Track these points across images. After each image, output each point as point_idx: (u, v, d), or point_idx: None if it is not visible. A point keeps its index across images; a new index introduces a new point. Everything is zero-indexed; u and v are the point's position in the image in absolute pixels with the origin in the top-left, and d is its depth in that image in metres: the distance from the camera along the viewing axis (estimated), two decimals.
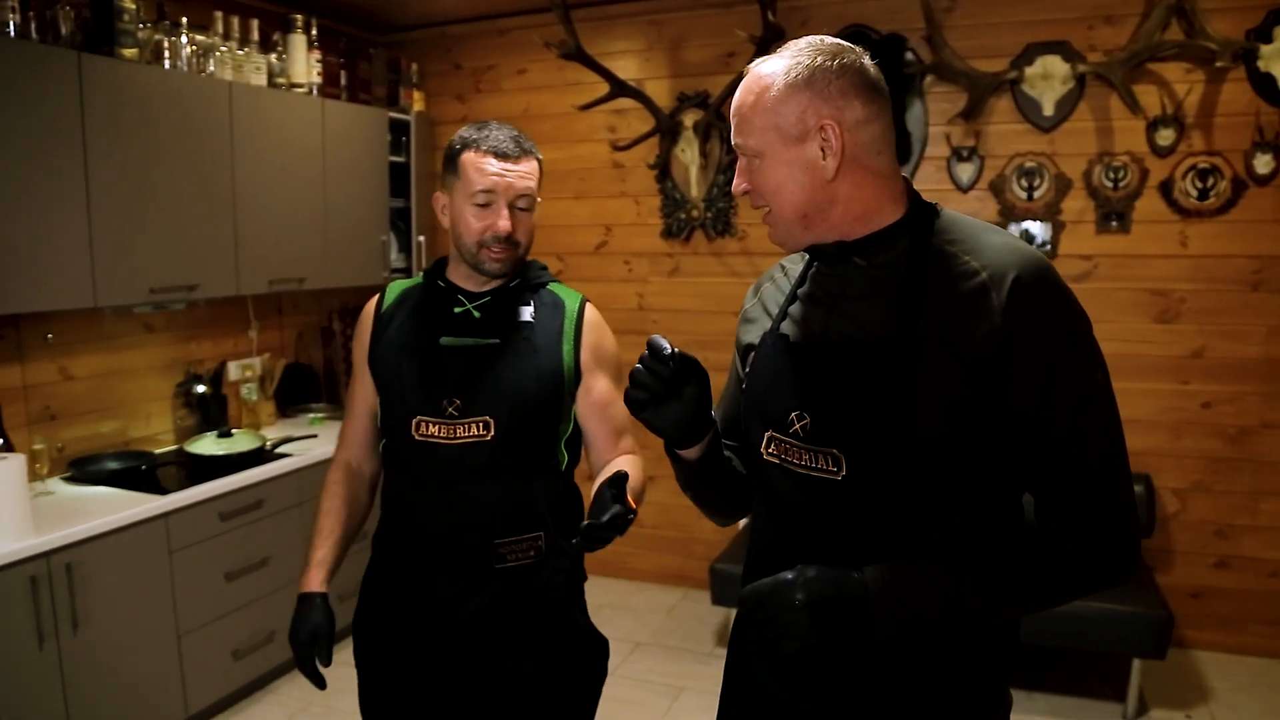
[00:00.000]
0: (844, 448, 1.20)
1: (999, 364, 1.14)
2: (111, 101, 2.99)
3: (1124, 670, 3.30)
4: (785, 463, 1.28)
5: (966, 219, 1.27)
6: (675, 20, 4.17)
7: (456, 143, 1.71)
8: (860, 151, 1.21)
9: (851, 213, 1.23)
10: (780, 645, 1.17)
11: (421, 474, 1.72)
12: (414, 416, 1.70)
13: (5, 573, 2.52)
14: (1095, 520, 1.16)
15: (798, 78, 1.19)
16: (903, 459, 1.17)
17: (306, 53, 3.87)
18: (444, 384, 1.70)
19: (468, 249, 1.71)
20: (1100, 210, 3.61)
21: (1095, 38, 3.53)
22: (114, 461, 3.28)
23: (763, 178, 1.24)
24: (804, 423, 1.25)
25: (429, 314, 1.76)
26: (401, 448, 1.74)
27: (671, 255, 4.35)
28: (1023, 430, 1.16)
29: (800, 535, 1.27)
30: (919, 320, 1.17)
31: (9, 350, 3.09)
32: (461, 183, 1.68)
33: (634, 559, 4.56)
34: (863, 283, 1.26)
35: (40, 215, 2.81)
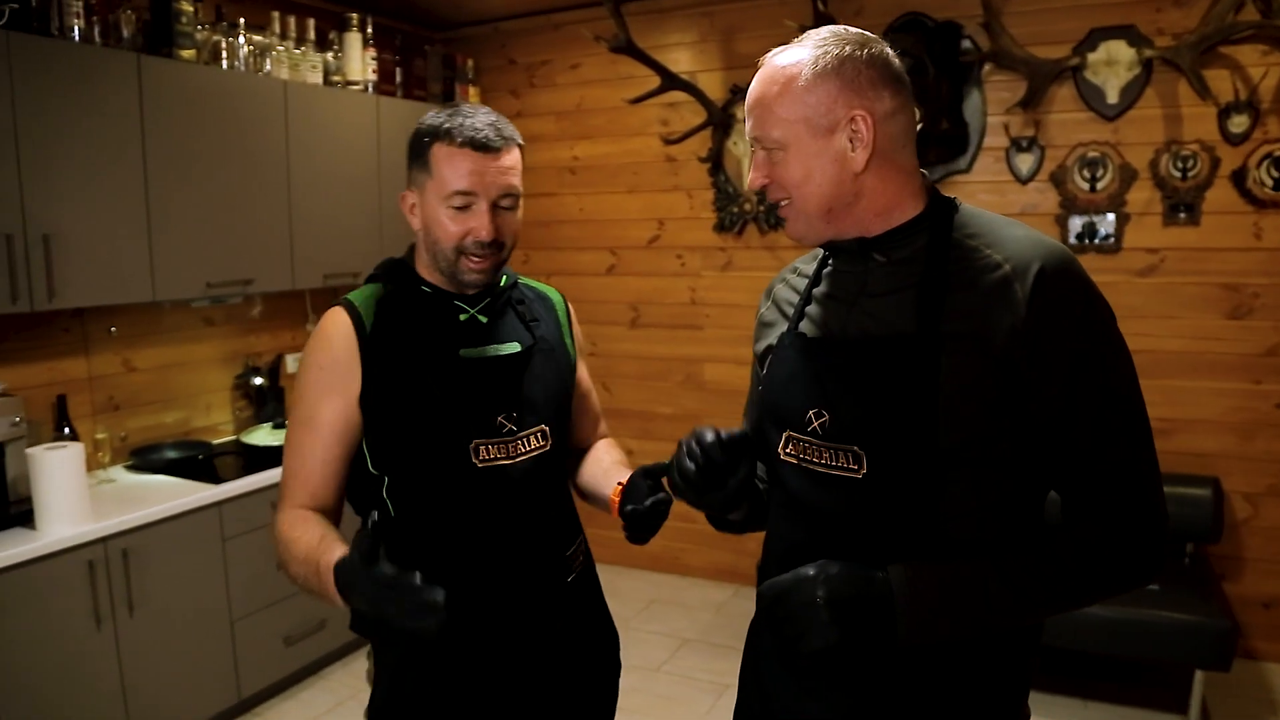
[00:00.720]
0: (865, 444, 1.18)
1: (1023, 357, 1.11)
2: (170, 101, 3.09)
3: (1186, 681, 3.16)
4: (804, 462, 1.25)
5: (987, 213, 1.24)
6: (727, 12, 4.13)
7: (424, 132, 1.48)
8: (888, 144, 1.19)
9: (874, 207, 1.21)
10: (800, 644, 1.13)
11: (486, 506, 1.50)
12: (472, 441, 1.48)
13: (64, 557, 2.63)
14: (1122, 518, 1.13)
15: (827, 67, 1.16)
16: (925, 455, 1.14)
17: (362, 50, 3.93)
18: (492, 400, 1.50)
19: (444, 255, 1.49)
20: (1168, 201, 3.45)
21: (1163, 21, 3.38)
22: (173, 451, 3.39)
23: (786, 170, 1.20)
24: (823, 420, 1.22)
25: (432, 325, 1.52)
26: (453, 484, 1.48)
27: (724, 249, 4.31)
28: (1048, 425, 1.13)
29: (819, 535, 1.24)
30: (941, 315, 1.14)
31: (75, 343, 3.22)
32: (434, 181, 1.45)
33: (686, 554, 4.55)
34: (882, 279, 1.23)
35: (102, 212, 2.92)
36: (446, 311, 1.54)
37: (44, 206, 2.75)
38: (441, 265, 1.51)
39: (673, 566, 4.60)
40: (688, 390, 4.46)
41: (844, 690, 1.23)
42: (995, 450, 1.14)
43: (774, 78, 1.20)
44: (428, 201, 1.48)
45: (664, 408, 4.53)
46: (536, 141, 4.66)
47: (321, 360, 1.48)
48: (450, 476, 1.48)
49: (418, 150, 1.48)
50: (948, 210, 1.23)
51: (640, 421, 4.60)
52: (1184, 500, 3.32)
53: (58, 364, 3.16)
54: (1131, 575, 1.15)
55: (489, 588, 1.49)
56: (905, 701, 1.20)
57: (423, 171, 1.48)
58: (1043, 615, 1.18)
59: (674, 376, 4.49)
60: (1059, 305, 1.11)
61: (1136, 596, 3.02)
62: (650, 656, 3.73)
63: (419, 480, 1.49)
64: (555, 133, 4.61)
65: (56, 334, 3.15)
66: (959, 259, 1.17)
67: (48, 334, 3.13)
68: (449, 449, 1.47)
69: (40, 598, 2.58)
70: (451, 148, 1.43)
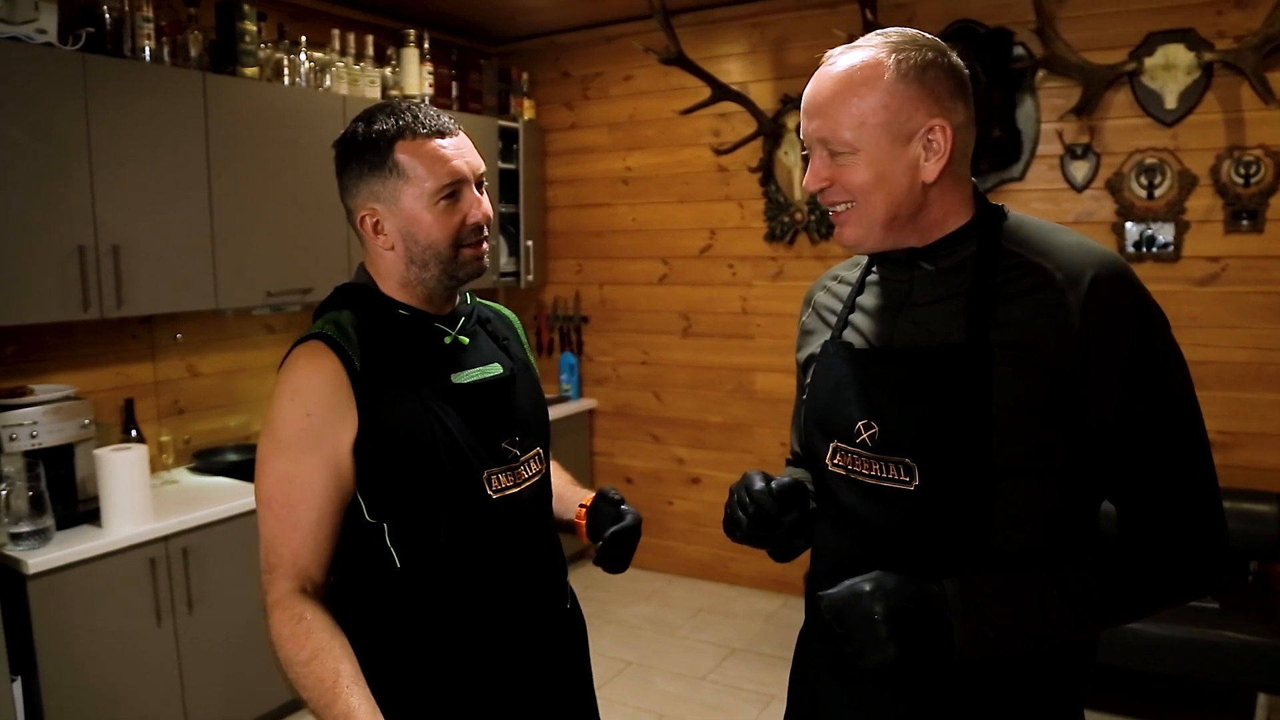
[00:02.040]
0: (917, 457, 1.16)
1: (1078, 367, 1.09)
2: (232, 117, 3.21)
3: (1248, 705, 3.06)
4: (852, 473, 1.24)
5: (1035, 220, 1.22)
6: (778, 22, 4.14)
7: (373, 138, 1.34)
8: (958, 155, 1.18)
9: (933, 218, 1.20)
10: (861, 660, 1.12)
11: (500, 538, 1.41)
12: (485, 472, 1.39)
13: (127, 554, 2.74)
14: (1179, 529, 1.11)
15: (909, 73, 1.13)
16: (978, 467, 1.13)
17: (419, 65, 4.03)
18: (496, 426, 1.42)
19: (440, 257, 1.37)
20: (1229, 209, 3.35)
21: (1224, 23, 3.29)
22: (234, 454, 3.51)
23: (854, 174, 1.16)
24: (872, 432, 1.21)
25: (419, 352, 1.39)
26: (468, 519, 1.38)
27: (775, 259, 4.31)
28: (1103, 436, 1.12)
29: (870, 547, 1.23)
30: (991, 325, 1.13)
31: (142, 348, 3.36)
32: (409, 183, 1.33)
33: (735, 564, 4.54)
34: (929, 288, 1.22)
35: (168, 224, 3.05)
36: (429, 336, 1.41)
37: (114, 219, 2.88)
38: (432, 270, 1.38)
39: (722, 575, 4.59)
40: (738, 399, 4.47)
41: (896, 700, 1.22)
42: (1048, 461, 1.13)
43: (849, 78, 1.15)
44: (404, 209, 1.34)
45: (715, 416, 4.54)
46: (590, 153, 4.72)
47: (309, 406, 1.30)
48: (465, 512, 1.37)
49: (374, 159, 1.34)
50: (996, 218, 1.21)
51: (692, 430, 4.61)
52: (1247, 516, 3.21)
53: (126, 369, 3.30)
54: (1189, 587, 1.13)
55: (501, 623, 1.41)
56: (958, 713, 1.19)
57: (390, 178, 1.34)
58: (1099, 628, 1.16)
59: (725, 385, 4.49)
60: (1114, 314, 1.09)
61: (1196, 615, 2.94)
62: (697, 665, 3.74)
63: (429, 521, 1.35)
64: (608, 144, 4.67)
65: (125, 340, 3.30)
66: (1008, 267, 1.16)
67: (117, 340, 3.27)
68: (463, 483, 1.36)
69: (105, 593, 2.69)
70: (419, 142, 1.34)
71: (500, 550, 1.41)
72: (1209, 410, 1.13)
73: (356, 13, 4.04)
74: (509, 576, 1.42)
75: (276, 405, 1.33)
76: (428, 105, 1.39)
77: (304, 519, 1.31)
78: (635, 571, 4.80)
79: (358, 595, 1.37)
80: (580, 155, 4.73)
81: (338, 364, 1.31)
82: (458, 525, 1.37)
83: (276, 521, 1.32)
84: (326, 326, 1.35)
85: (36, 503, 2.60)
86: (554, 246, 4.95)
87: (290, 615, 1.28)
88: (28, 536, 2.58)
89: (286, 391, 1.32)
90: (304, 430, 1.30)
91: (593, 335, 4.87)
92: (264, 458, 1.33)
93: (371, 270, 1.44)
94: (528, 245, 4.70)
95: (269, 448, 1.33)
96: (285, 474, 1.31)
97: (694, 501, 4.65)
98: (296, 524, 1.31)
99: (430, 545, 1.36)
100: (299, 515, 1.31)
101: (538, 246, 4.82)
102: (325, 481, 1.31)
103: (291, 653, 1.26)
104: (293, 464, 1.30)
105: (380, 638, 1.36)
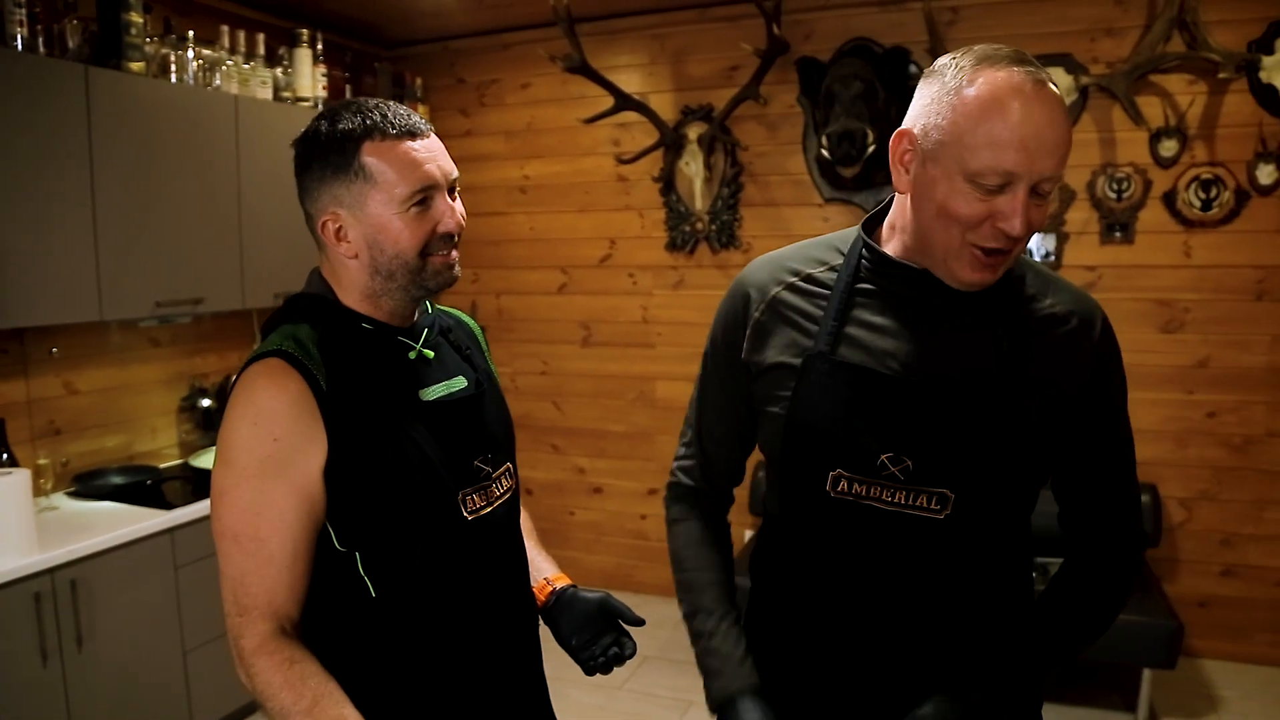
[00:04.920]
0: (955, 487, 1.19)
1: (1085, 400, 1.22)
2: (118, 114, 2.99)
3: (1134, 680, 3.29)
4: (865, 500, 1.21)
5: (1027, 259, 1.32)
6: (679, 34, 4.19)
7: (339, 135, 1.25)
8: None
9: None
10: None
11: (476, 559, 1.35)
12: (459, 493, 1.32)
13: (9, 589, 2.50)
14: (1122, 532, 1.30)
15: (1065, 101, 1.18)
16: (1011, 495, 1.22)
17: (312, 67, 3.87)
18: (467, 444, 1.35)
19: (408, 267, 1.28)
20: (1104, 221, 3.62)
21: (1098, 50, 3.56)
22: (119, 476, 3.26)
23: (1045, 212, 1.13)
24: (902, 466, 1.19)
25: (385, 369, 1.31)
26: (443, 542, 1.31)
27: (676, 268, 4.35)
28: (1082, 454, 1.27)
29: (881, 574, 1.23)
30: (1026, 360, 1.20)
31: (13, 364, 3.07)
32: (378, 188, 1.24)
33: (639, 571, 4.55)
34: (955, 311, 1.21)
35: (46, 228, 2.80)
36: (394, 350, 1.33)
37: None
38: (399, 283, 1.30)
39: (626, 584, 4.58)
40: (640, 408, 4.48)
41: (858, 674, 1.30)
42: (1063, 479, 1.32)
43: (1059, 106, 1.08)
44: (371, 214, 1.25)
45: (616, 425, 4.53)
46: (486, 160, 4.64)
47: (276, 430, 1.19)
48: (441, 535, 1.30)
49: (338, 161, 1.25)
50: None
51: (593, 440, 4.59)
52: None
53: None
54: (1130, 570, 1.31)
55: (479, 647, 1.36)
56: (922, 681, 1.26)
57: (356, 182, 1.25)
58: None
59: (626, 394, 4.50)
60: (1113, 355, 1.25)
61: None
62: (612, 675, 3.71)
63: (404, 547, 1.28)
64: (505, 152, 4.60)
65: None
66: (1023, 303, 1.23)
67: None
68: (438, 505, 1.29)
69: None
70: (388, 144, 1.24)
71: (476, 572, 1.35)
72: None
73: (246, 10, 3.84)
74: (485, 598, 1.36)
75: (236, 430, 1.21)
76: (396, 104, 1.30)
77: (277, 553, 1.21)
78: None
79: (329, 628, 1.27)
80: (476, 163, 4.65)
81: (302, 383, 1.21)
82: (434, 550, 1.30)
83: (246, 558, 1.20)
84: (285, 343, 1.24)
85: None
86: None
87: (279, 661, 1.18)
88: None
89: (248, 415, 1.20)
90: (270, 457, 1.19)
91: (491, 346, 4.75)
92: (225, 489, 1.21)
93: (330, 279, 1.34)
94: None
95: (230, 477, 1.21)
96: (252, 505, 1.20)
97: (596, 511, 4.63)
98: (269, 559, 1.20)
99: (406, 572, 1.28)
100: (271, 549, 1.20)
101: None
102: (297, 511, 1.21)
103: (289, 702, 1.16)
104: (260, 494, 1.20)
105: (357, 671, 1.27)
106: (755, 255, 4.17)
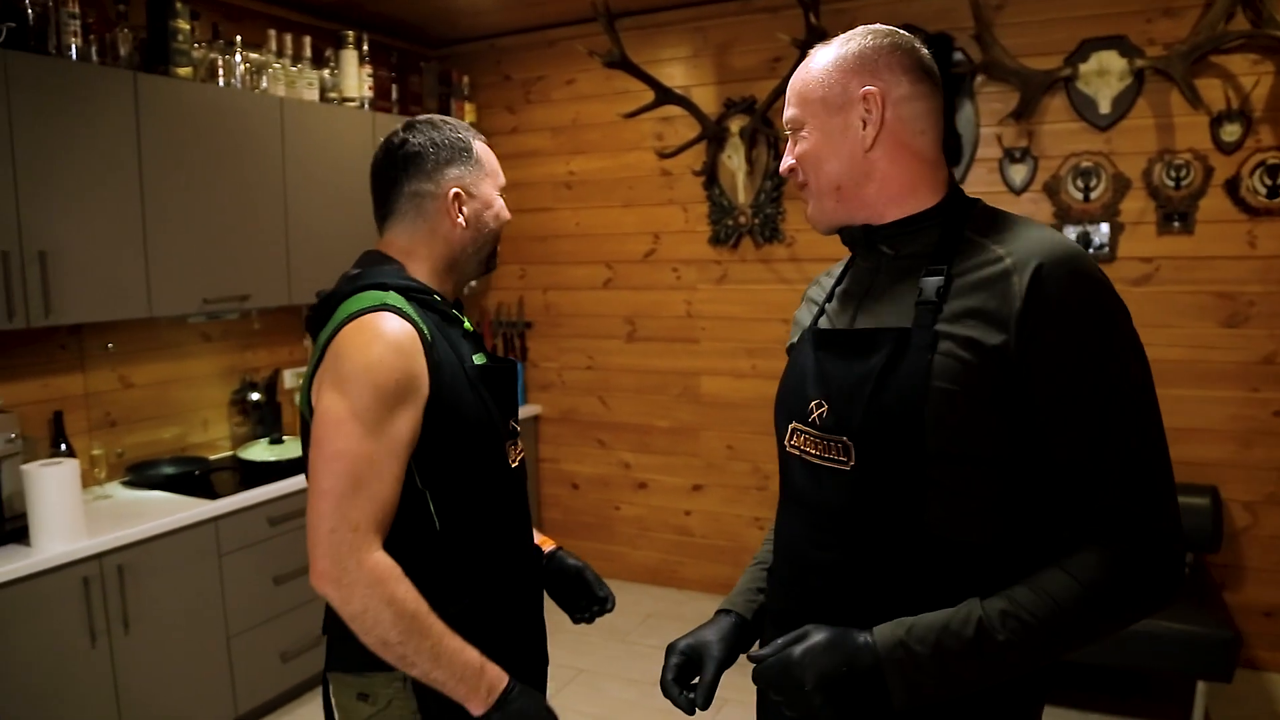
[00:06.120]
0: (854, 437, 1.17)
1: (1018, 353, 1.08)
2: (165, 118, 3.10)
3: (1188, 692, 3.14)
4: (803, 453, 1.27)
5: (1008, 213, 1.23)
6: (721, 26, 4.15)
7: (463, 134, 1.57)
8: (901, 127, 1.20)
9: (886, 192, 1.22)
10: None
11: (514, 504, 1.59)
12: (504, 445, 1.55)
13: (59, 573, 2.62)
14: (1130, 534, 1.06)
15: (848, 52, 1.22)
16: (911, 451, 1.12)
17: (358, 67, 3.95)
18: (507, 404, 1.59)
19: (490, 240, 1.59)
20: (1161, 211, 3.46)
21: (1154, 31, 3.40)
22: (170, 467, 3.39)
23: (803, 148, 1.26)
24: (821, 411, 1.23)
25: (453, 335, 1.51)
26: (495, 488, 1.53)
27: (719, 262, 4.32)
28: (1048, 426, 1.09)
29: (814, 528, 1.24)
30: (939, 309, 1.14)
31: (71, 359, 3.22)
32: (488, 173, 1.57)
33: (683, 568, 4.54)
34: (892, 273, 1.25)
35: (99, 229, 2.92)
36: (455, 321, 1.54)
37: (40, 223, 2.76)
38: (479, 256, 1.58)
39: (670, 580, 4.58)
40: (684, 403, 4.46)
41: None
42: (988, 450, 1.11)
43: (805, 64, 1.27)
44: (483, 193, 1.56)
45: (661, 421, 4.53)
46: (533, 156, 4.67)
47: (400, 368, 1.34)
48: (494, 480, 1.52)
49: (463, 151, 1.54)
50: (965, 207, 1.23)
51: (638, 435, 4.60)
52: (1183, 510, 3.27)
53: (54, 380, 3.16)
54: (1146, 600, 1.09)
55: (511, 572, 1.56)
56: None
57: (474, 168, 1.55)
58: (1055, 658, 1.12)
59: (671, 390, 4.49)
60: (1059, 300, 1.07)
61: None
62: (649, 670, 3.71)
63: (466, 490, 1.47)
64: (551, 148, 4.63)
65: (53, 350, 3.16)
66: (968, 254, 1.16)
67: (45, 350, 3.13)
68: (495, 455, 1.52)
69: (35, 615, 2.57)
70: (484, 144, 1.59)
71: (514, 515, 1.58)
72: None
73: (293, 13, 3.95)
74: (516, 534, 1.59)
75: (363, 361, 1.32)
76: None
77: (395, 476, 1.34)
78: None
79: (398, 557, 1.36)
80: (523, 159, 4.69)
81: (416, 335, 1.38)
82: (488, 492, 1.51)
83: (373, 481, 1.31)
84: (388, 297, 1.40)
85: None
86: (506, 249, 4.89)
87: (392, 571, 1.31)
88: None
89: (375, 348, 1.33)
90: (398, 390, 1.33)
91: (537, 341, 4.83)
92: (345, 416, 1.31)
93: (403, 256, 1.52)
94: None
95: (352, 404, 1.31)
96: (373, 428, 1.31)
97: (641, 506, 4.64)
98: (386, 483, 1.33)
99: (466, 509, 1.47)
100: (393, 472, 1.34)
101: None
102: (410, 441, 1.36)
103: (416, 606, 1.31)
104: (379, 421, 1.32)
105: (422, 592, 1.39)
106: (799, 249, 4.16)
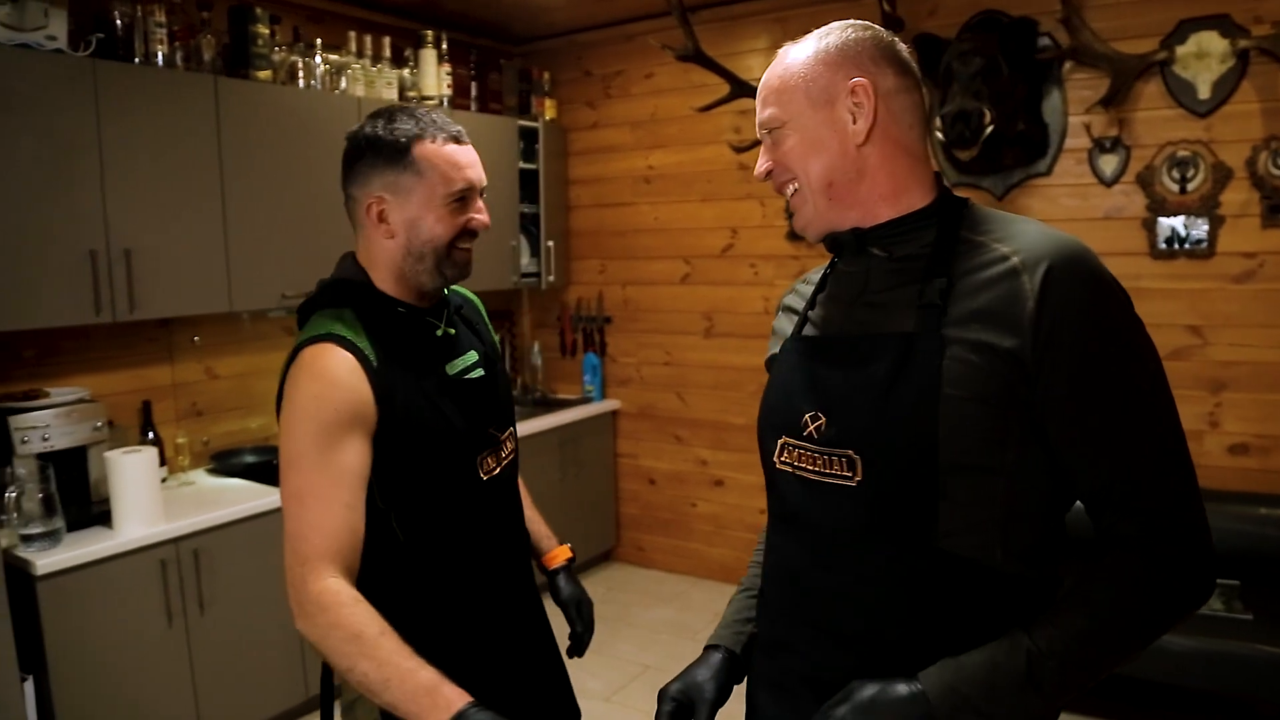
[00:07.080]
0: (860, 450, 1.11)
1: (1031, 356, 1.04)
2: (244, 120, 3.23)
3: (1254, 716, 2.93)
4: (798, 470, 1.19)
5: (999, 212, 1.18)
6: (799, 17, 4.06)
7: (398, 135, 1.41)
8: (891, 120, 1.15)
9: (879, 190, 1.16)
10: None
11: (489, 516, 1.54)
12: (476, 457, 1.50)
13: (138, 555, 2.77)
14: (1166, 534, 1.04)
15: (829, 45, 1.16)
16: (925, 461, 1.07)
17: (437, 66, 4.03)
18: (483, 412, 1.53)
19: (436, 252, 1.45)
20: (1267, 202, 3.21)
21: (1261, 9, 3.15)
22: (251, 455, 3.53)
23: (788, 148, 1.17)
24: (819, 424, 1.16)
25: (418, 347, 1.47)
26: (463, 501, 1.49)
27: (797, 258, 4.23)
28: (1060, 430, 1.06)
29: (813, 550, 1.18)
30: (945, 311, 1.08)
31: (160, 351, 3.39)
32: (425, 182, 1.41)
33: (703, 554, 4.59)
34: (885, 276, 1.18)
35: (181, 228, 3.07)
36: (423, 329, 1.50)
37: (125, 223, 2.91)
38: (424, 267, 1.45)
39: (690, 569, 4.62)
40: None
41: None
42: (1000, 458, 1.07)
43: (779, 61, 1.20)
44: (414, 204, 1.42)
45: (737, 418, 4.47)
46: (613, 152, 4.68)
47: (336, 401, 1.33)
48: (461, 495, 1.48)
49: (392, 154, 1.41)
50: (957, 207, 1.18)
51: (714, 431, 4.56)
52: None
53: (143, 371, 3.34)
54: (1185, 600, 1.06)
55: (489, 591, 1.53)
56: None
57: (405, 174, 1.41)
58: (1106, 672, 1.08)
59: (747, 387, 4.43)
60: (1071, 300, 1.03)
61: (1228, 626, 2.82)
62: None
63: (430, 504, 1.45)
64: (631, 142, 4.63)
65: (142, 343, 3.33)
66: (966, 254, 1.11)
67: (134, 343, 3.31)
68: (461, 469, 1.48)
69: (116, 595, 2.72)
70: (437, 145, 1.42)
71: (491, 527, 1.54)
72: (1243, 413, 1.07)
73: (373, 14, 4.05)
74: (498, 550, 1.56)
75: (300, 403, 1.33)
76: (436, 114, 1.47)
77: (347, 506, 1.32)
78: (658, 574, 4.76)
79: (364, 574, 1.36)
80: (602, 154, 4.70)
81: (356, 364, 1.36)
82: (454, 506, 1.47)
83: (316, 514, 1.30)
84: (333, 327, 1.39)
85: (47, 504, 2.64)
86: (577, 246, 4.92)
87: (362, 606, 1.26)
88: (38, 538, 2.61)
89: (312, 389, 1.33)
90: (335, 423, 1.32)
91: (616, 336, 4.84)
92: (293, 457, 1.32)
93: (364, 261, 1.50)
94: (549, 246, 4.68)
95: (296, 446, 1.32)
96: (316, 466, 1.31)
97: (717, 504, 4.60)
98: (333, 515, 1.31)
99: (430, 526, 1.45)
100: (343, 503, 1.31)
101: (560, 247, 4.79)
102: (359, 470, 1.34)
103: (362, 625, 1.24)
104: (323, 456, 1.31)
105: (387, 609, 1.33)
106: None
